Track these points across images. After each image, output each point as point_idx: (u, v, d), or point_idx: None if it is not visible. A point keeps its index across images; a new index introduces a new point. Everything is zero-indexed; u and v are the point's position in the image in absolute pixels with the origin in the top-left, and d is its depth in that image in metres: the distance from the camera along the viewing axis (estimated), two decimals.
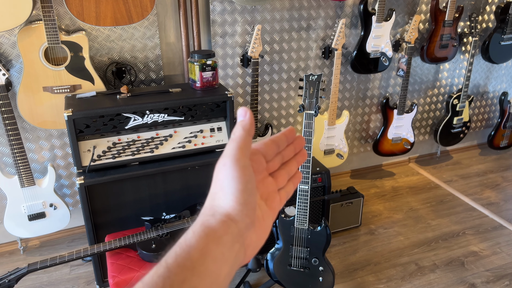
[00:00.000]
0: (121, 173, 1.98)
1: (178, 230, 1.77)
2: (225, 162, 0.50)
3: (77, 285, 2.28)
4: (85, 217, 1.98)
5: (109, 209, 2.04)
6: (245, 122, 0.52)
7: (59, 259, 1.62)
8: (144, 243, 1.70)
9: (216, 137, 2.17)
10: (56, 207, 2.35)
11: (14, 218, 2.29)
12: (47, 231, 2.39)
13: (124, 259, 1.70)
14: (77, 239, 2.67)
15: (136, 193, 2.06)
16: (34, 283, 2.29)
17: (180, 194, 2.15)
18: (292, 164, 0.58)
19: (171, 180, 2.11)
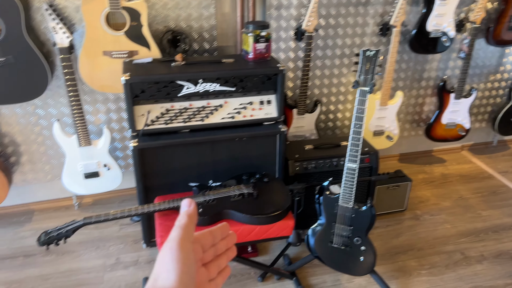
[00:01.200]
0: (172, 139, 2.04)
1: (224, 197, 1.81)
2: (172, 246, 0.54)
3: (125, 243, 2.41)
4: (136, 179, 2.06)
5: (159, 173, 2.12)
6: (190, 211, 0.58)
7: (113, 215, 1.71)
8: None
9: (265, 110, 2.17)
10: (109, 168, 2.46)
11: (71, 175, 2.43)
12: (100, 190, 2.52)
13: (172, 220, 1.77)
14: (127, 200, 2.80)
15: (184, 160, 2.12)
16: (87, 237, 2.44)
17: (226, 164, 2.19)
18: (223, 258, 0.63)
19: (218, 150, 2.15)
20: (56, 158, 2.58)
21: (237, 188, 1.86)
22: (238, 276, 2.17)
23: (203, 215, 1.72)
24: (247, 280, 2.14)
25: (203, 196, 1.81)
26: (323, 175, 2.37)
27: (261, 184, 1.91)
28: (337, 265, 2.04)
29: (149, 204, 1.79)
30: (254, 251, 2.32)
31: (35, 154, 2.53)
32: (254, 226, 1.75)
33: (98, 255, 2.31)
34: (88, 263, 2.26)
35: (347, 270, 2.02)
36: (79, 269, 2.21)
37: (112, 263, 2.26)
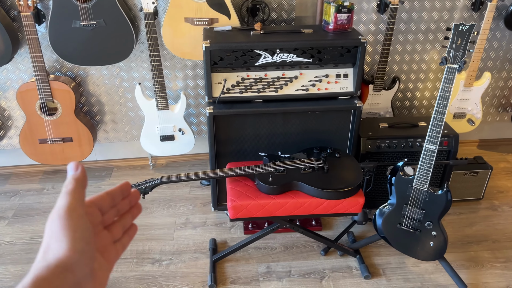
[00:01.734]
0: (246, 108, 2.06)
1: (294, 169, 1.82)
2: (60, 214, 0.49)
3: (194, 204, 2.52)
4: (209, 144, 2.13)
5: (231, 140, 2.17)
6: (77, 175, 0.54)
7: (188, 176, 1.79)
8: (262, 175, 1.78)
9: (341, 84, 2.12)
10: (184, 132, 2.56)
11: (149, 137, 2.57)
12: (174, 152, 2.64)
13: (242, 186, 1.82)
14: (197, 164, 2.91)
15: (256, 129, 2.15)
16: (159, 196, 2.59)
17: (297, 137, 2.19)
18: (127, 217, 0.60)
19: (290, 122, 2.15)
20: (135, 120, 2.73)
21: (307, 161, 1.86)
22: (301, 248, 2.19)
23: (273, 184, 1.75)
24: (310, 252, 2.16)
25: (274, 166, 1.83)
26: (396, 155, 2.29)
27: (332, 159, 1.89)
28: (404, 247, 1.98)
29: (221, 169, 1.85)
30: (318, 225, 2.32)
31: (117, 115, 2.70)
32: (322, 200, 1.75)
33: (169, 214, 2.45)
34: (160, 220, 2.41)
35: (415, 254, 1.96)
36: (152, 224, 2.36)
37: (182, 222, 2.38)
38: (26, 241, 2.26)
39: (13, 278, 2.03)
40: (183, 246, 2.21)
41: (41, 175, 2.81)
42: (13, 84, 2.51)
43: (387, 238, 2.01)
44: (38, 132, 2.44)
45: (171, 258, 2.14)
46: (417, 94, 2.82)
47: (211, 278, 1.98)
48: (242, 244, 2.03)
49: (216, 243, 2.21)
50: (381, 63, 2.50)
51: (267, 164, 1.85)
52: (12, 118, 2.62)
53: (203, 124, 2.80)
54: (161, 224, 2.36)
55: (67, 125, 2.43)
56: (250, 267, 2.08)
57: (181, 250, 2.19)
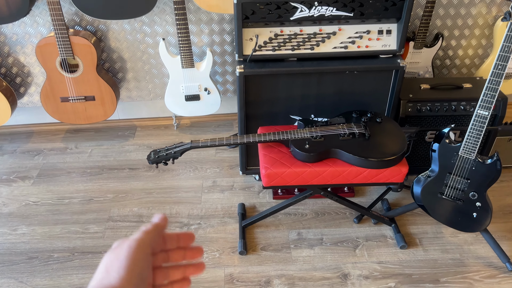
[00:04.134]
0: (279, 68, 1.92)
1: (333, 135, 1.69)
2: (131, 244, 0.52)
3: (221, 167, 2.44)
4: (239, 106, 2.01)
5: (261, 102, 2.04)
6: (158, 221, 0.57)
7: (219, 141, 1.69)
8: (298, 141, 1.67)
9: (383, 41, 1.94)
10: (210, 92, 2.44)
11: (173, 96, 2.45)
12: (199, 113, 2.53)
13: (277, 153, 1.71)
14: (222, 125, 2.80)
15: (288, 91, 2.01)
16: (185, 158, 2.51)
17: (332, 99, 2.04)
18: (176, 272, 0.58)
19: (326, 82, 2.00)
20: (159, 78, 2.61)
21: (347, 127, 1.73)
22: (333, 215, 2.11)
23: (310, 151, 1.63)
24: (342, 220, 2.08)
25: (310, 131, 1.71)
26: (438, 120, 2.13)
27: (373, 124, 1.76)
28: (444, 218, 1.88)
29: (254, 134, 1.73)
30: (350, 191, 2.23)
31: (140, 72, 2.58)
32: (363, 169, 1.63)
33: (196, 176, 2.38)
34: (187, 182, 2.34)
35: (456, 224, 1.86)
36: (178, 187, 2.30)
37: (209, 185, 2.31)
38: (52, 202, 2.22)
39: (41, 239, 2.01)
40: (211, 210, 2.15)
41: (64, 133, 2.75)
42: (32, 39, 2.39)
43: (426, 207, 1.91)
44: (59, 90, 2.34)
45: (199, 222, 2.09)
46: (459, 52, 2.60)
47: (241, 245, 1.92)
48: (273, 210, 1.96)
49: (245, 208, 2.15)
50: (425, 18, 2.28)
51: (302, 129, 1.73)
52: (32, 74, 2.53)
53: (228, 83, 2.66)
54: (188, 187, 2.30)
55: (89, 83, 2.33)
56: (281, 234, 2.02)
57: (209, 214, 2.13)
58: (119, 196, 2.25)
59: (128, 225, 2.08)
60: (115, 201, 2.22)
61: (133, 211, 2.16)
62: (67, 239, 2.02)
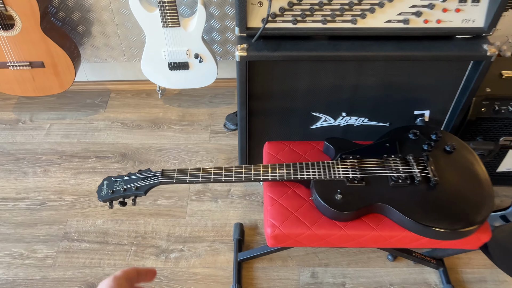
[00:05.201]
0: (302, 51, 1.25)
1: (379, 178, 1.09)
2: None
3: (216, 160, 1.87)
4: (239, 102, 1.38)
5: (271, 96, 1.41)
6: (129, 272, 0.57)
7: (203, 176, 1.10)
8: (325, 185, 1.08)
9: (465, 14, 1.25)
10: (202, 59, 1.78)
11: (153, 62, 1.80)
12: (189, 85, 1.90)
13: (290, 198, 1.13)
14: (221, 95, 2.17)
15: (312, 80, 1.37)
16: (169, 143, 1.93)
17: (373, 93, 1.40)
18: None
19: (368, 71, 1.34)
20: (135, 34, 1.93)
21: (402, 163, 1.12)
22: (362, 249, 1.59)
23: (344, 207, 1.05)
24: (372, 254, 1.56)
25: (343, 166, 1.10)
26: None
27: (440, 157, 1.14)
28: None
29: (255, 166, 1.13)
30: None
31: (109, 26, 1.89)
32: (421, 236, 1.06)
33: None
34: None
35: None
36: (158, 190, 1.76)
37: (198, 189, 1.76)
38: None
39: None
40: (199, 230, 1.63)
41: (17, 98, 2.15)
42: None
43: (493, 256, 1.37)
44: None
45: (182, 248, 1.58)
46: None
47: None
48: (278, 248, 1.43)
49: (243, 229, 1.62)
50: None
51: (332, 162, 1.12)
52: None
53: (229, 43, 1.98)
54: (171, 191, 1.76)
55: (33, 44, 1.67)
56: (289, 273, 1.51)
57: (195, 235, 1.61)
58: (80, 200, 1.73)
59: (88, 248, 1.58)
60: (74, 208, 1.70)
61: (97, 226, 1.64)
62: (6, 267, 1.53)
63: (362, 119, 1.50)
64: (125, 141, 1.95)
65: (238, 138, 1.54)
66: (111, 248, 1.58)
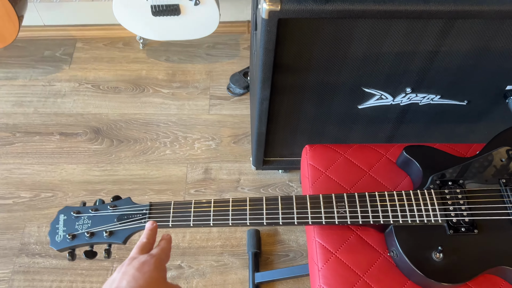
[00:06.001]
0: (370, 3, 0.77)
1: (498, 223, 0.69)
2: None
3: (219, 138, 1.43)
4: (261, 78, 0.92)
5: (308, 67, 0.95)
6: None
7: (202, 219, 0.71)
8: (412, 234, 0.67)
9: None
10: (199, 1, 1.27)
11: (129, 6, 1.29)
12: (180, 36, 1.40)
13: (353, 250, 0.72)
14: (221, 44, 1.67)
15: (373, 45, 0.90)
16: (158, 117, 1.47)
17: (457, 62, 0.95)
18: None
19: (458, 32, 0.88)
20: None
21: None
22: None
23: (449, 278, 0.65)
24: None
25: (442, 200, 0.69)
26: None
27: None
28: None
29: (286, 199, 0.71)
30: None
31: None
32: None
33: (177, 156, 1.39)
34: (160, 168, 1.36)
35: None
36: (145, 179, 1.34)
37: (198, 179, 1.35)
38: None
39: None
40: (201, 237, 1.24)
41: None
42: None
43: None
44: None
45: (180, 263, 1.20)
46: None
47: None
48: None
49: (259, 238, 1.24)
50: None
51: (423, 193, 0.70)
52: None
53: None
54: (162, 180, 1.34)
55: None
56: None
57: (197, 246, 1.23)
58: (41, 196, 1.30)
59: (55, 266, 1.19)
60: (33, 208, 1.28)
61: None
62: None
63: (432, 97, 1.06)
64: (98, 110, 1.48)
65: (253, 124, 1.10)
66: (85, 265, 1.19)
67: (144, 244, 0.63)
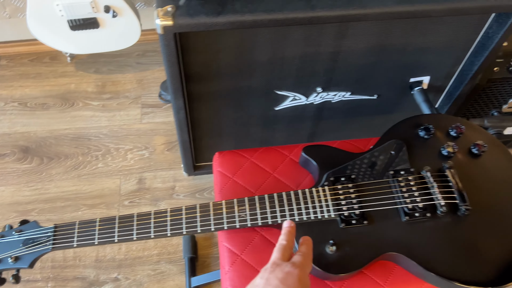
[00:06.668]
0: (260, 13, 0.81)
1: (386, 212, 0.74)
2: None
3: (152, 147, 1.44)
4: (171, 88, 0.94)
5: (218, 74, 0.98)
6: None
7: (107, 237, 0.73)
8: (308, 231, 0.71)
9: None
10: (117, 13, 1.27)
11: (44, 21, 1.27)
12: (103, 48, 1.40)
13: (257, 250, 0.75)
14: (151, 52, 1.67)
15: (276, 50, 0.94)
16: (86, 129, 1.46)
17: (359, 61, 1.00)
18: None
19: (354, 34, 0.93)
20: None
21: (417, 183, 0.76)
22: None
23: (340, 269, 0.70)
24: None
25: (334, 192, 0.74)
26: None
27: (466, 166, 0.80)
28: None
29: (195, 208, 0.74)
30: None
31: None
32: None
33: (109, 169, 1.39)
34: (93, 182, 1.36)
35: None
36: (77, 194, 1.33)
37: (132, 189, 1.35)
38: None
39: None
40: (137, 248, 1.25)
41: None
42: None
43: None
44: None
45: (117, 275, 1.21)
46: None
47: None
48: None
49: (195, 242, 1.26)
50: None
51: (317, 191, 0.75)
52: None
53: None
54: (95, 196, 1.33)
55: None
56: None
57: (133, 256, 1.24)
58: None
59: None
60: None
61: None
62: None
63: (343, 94, 1.12)
64: (26, 128, 1.46)
65: (176, 132, 1.11)
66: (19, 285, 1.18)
67: (284, 246, 0.60)
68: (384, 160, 0.79)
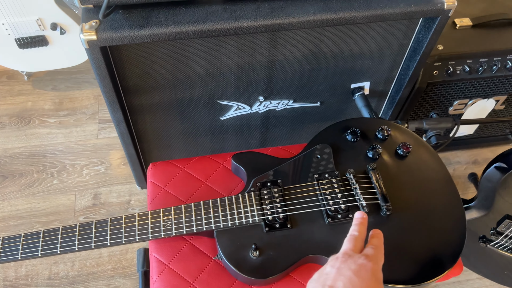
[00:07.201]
0: (184, 24, 0.82)
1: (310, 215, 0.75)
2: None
3: (108, 162, 1.44)
4: (107, 102, 0.95)
5: (157, 86, 0.99)
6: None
7: (62, 247, 0.71)
8: (232, 237, 0.72)
9: None
10: (65, 30, 1.28)
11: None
12: (54, 65, 1.41)
13: (185, 259, 0.76)
14: None
15: (210, 60, 0.95)
16: (41, 148, 1.46)
17: (297, 68, 1.03)
18: None
19: (286, 42, 0.95)
20: None
21: (340, 185, 0.77)
22: None
23: (263, 273, 0.70)
24: None
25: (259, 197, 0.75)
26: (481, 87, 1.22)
27: (391, 167, 0.81)
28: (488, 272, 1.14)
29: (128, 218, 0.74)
30: None
31: None
32: None
33: (65, 185, 1.38)
34: (47, 200, 1.35)
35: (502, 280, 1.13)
36: (31, 212, 1.32)
37: (87, 205, 1.35)
38: None
39: None
40: (91, 263, 1.24)
41: None
42: None
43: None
44: None
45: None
46: None
47: None
48: None
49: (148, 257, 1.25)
50: None
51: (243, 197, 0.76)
52: None
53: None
54: (49, 213, 1.32)
55: None
56: None
57: (87, 272, 1.23)
58: None
59: None
60: None
61: None
62: None
63: (285, 102, 1.13)
64: None
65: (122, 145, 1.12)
66: None
67: (356, 238, 0.58)
68: (311, 164, 0.81)
